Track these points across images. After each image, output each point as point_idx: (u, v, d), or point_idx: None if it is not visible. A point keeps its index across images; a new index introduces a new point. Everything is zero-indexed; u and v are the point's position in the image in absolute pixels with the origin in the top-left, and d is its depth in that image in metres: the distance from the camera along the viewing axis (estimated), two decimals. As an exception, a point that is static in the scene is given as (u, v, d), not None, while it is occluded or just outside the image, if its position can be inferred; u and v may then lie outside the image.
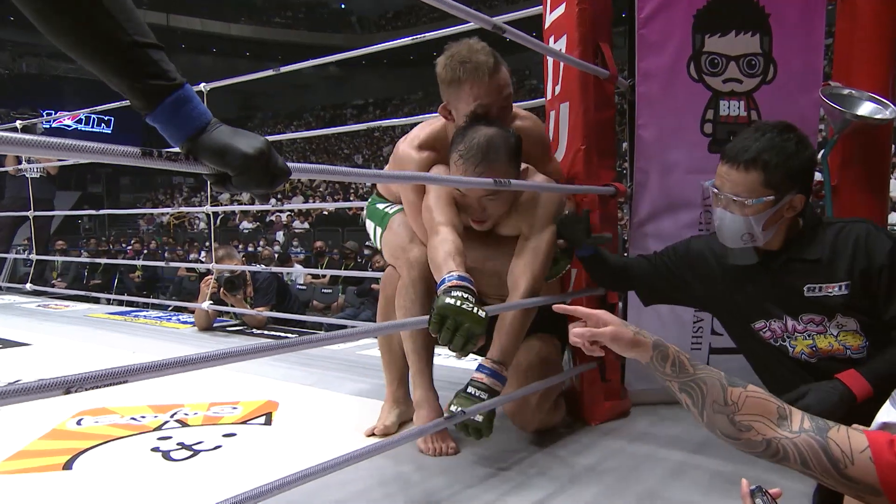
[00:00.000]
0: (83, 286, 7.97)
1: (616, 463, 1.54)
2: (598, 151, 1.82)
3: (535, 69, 27.13)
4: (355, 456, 1.14)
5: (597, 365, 1.82)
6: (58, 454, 1.56)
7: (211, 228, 3.28)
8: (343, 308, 6.51)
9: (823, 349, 1.41)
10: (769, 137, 1.35)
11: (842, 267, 1.37)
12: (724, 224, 1.41)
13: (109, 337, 3.23)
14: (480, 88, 1.50)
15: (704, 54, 1.92)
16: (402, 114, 24.94)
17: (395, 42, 2.71)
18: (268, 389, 2.15)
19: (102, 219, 20.64)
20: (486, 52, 1.49)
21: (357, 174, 1.20)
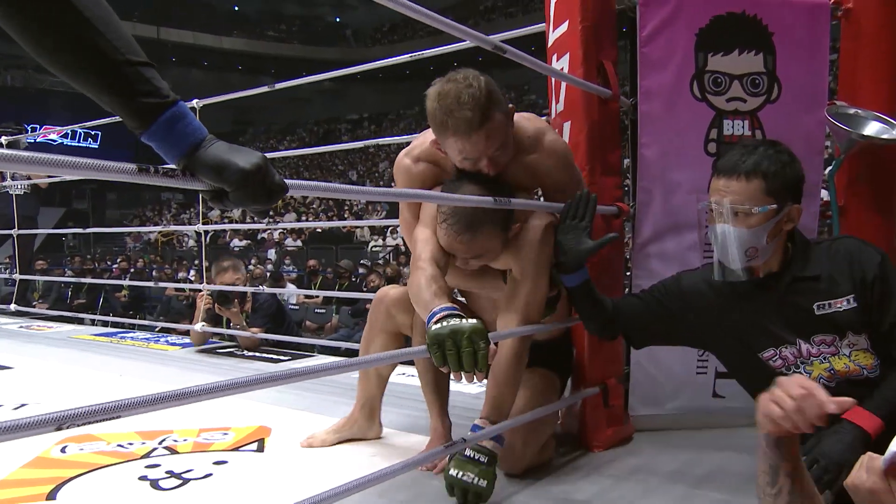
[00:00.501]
0: (67, 306, 7.93)
1: (619, 493, 1.53)
2: (601, 171, 1.84)
3: (534, 84, 27.36)
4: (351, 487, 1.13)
5: (599, 390, 1.82)
6: (41, 483, 1.55)
7: (202, 246, 3.28)
8: (337, 329, 6.49)
9: (841, 371, 1.42)
10: (762, 151, 1.40)
11: (844, 281, 1.40)
12: (728, 239, 1.41)
13: (95, 359, 3.21)
14: (466, 143, 1.43)
15: (707, 73, 1.95)
16: (398, 129, 25.11)
17: (394, 59, 2.74)
18: (260, 414, 2.14)
19: (88, 236, 20.55)
20: (473, 104, 1.38)
21: (353, 191, 1.20)
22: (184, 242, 17.04)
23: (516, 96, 27.32)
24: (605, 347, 1.87)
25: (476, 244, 1.47)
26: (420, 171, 1.61)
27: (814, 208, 2.00)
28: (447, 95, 1.40)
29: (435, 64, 2.79)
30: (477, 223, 1.44)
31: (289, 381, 1.01)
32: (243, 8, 30.49)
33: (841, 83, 2.06)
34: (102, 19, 0.74)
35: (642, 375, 1.99)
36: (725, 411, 1.98)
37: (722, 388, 1.98)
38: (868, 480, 1.03)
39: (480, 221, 1.44)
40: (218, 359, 3.23)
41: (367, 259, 11.17)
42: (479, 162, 1.46)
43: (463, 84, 1.40)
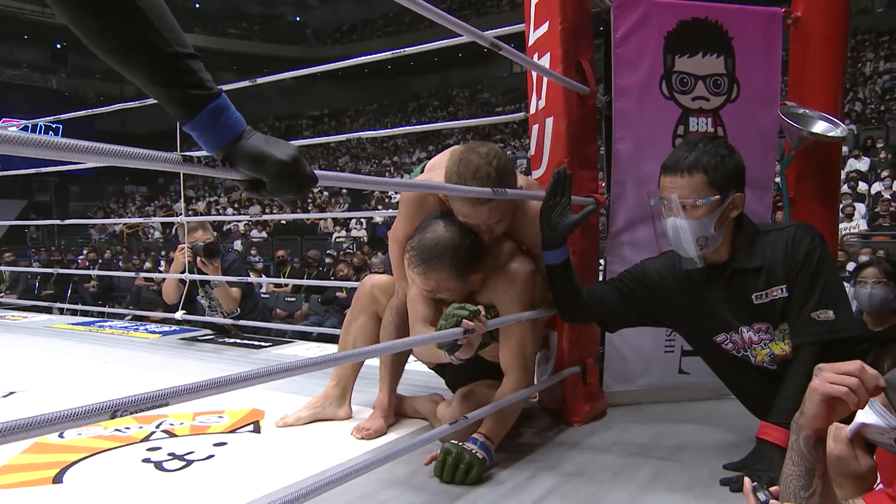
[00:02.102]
0: (34, 297, 7.61)
1: (601, 464, 1.56)
2: (579, 164, 1.85)
3: (487, 83, 27.48)
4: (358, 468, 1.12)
5: (579, 369, 1.85)
6: (45, 468, 1.49)
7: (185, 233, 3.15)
8: (307, 316, 6.41)
9: (780, 355, 1.48)
10: (701, 147, 1.45)
11: (779, 269, 1.45)
12: (679, 231, 1.45)
13: (77, 348, 3.09)
14: (471, 212, 1.50)
15: (675, 73, 1.99)
16: (358, 126, 24.83)
17: (376, 56, 2.70)
18: (251, 398, 2.10)
19: (51, 228, 19.73)
20: (485, 179, 1.45)
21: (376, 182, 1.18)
22: (149, 234, 16.50)
23: (470, 95, 27.37)
24: (584, 330, 1.90)
25: (430, 279, 1.52)
26: (430, 203, 1.64)
27: (767, 199, 2.07)
28: (468, 165, 1.46)
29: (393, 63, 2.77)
30: (432, 259, 1.49)
31: (317, 368, 1.00)
32: (205, 5, 29.54)
33: (791, 85, 2.14)
34: (155, 11, 0.71)
35: (615, 354, 2.03)
36: (690, 386, 2.04)
37: (687, 366, 2.04)
38: (836, 448, 1.08)
39: (437, 258, 1.49)
40: (200, 345, 3.14)
41: (332, 249, 11.04)
42: (478, 227, 1.54)
43: (483, 159, 1.47)
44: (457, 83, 28.56)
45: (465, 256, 1.51)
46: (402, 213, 1.67)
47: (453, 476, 1.41)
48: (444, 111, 25.45)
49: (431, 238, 1.50)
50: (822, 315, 1.39)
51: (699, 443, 1.69)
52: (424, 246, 1.50)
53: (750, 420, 1.64)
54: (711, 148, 1.45)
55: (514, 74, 26.65)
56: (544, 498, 1.35)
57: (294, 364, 0.95)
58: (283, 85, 27.80)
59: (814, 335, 1.39)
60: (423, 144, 22.39)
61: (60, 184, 23.78)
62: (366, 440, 1.70)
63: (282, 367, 0.92)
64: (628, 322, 1.72)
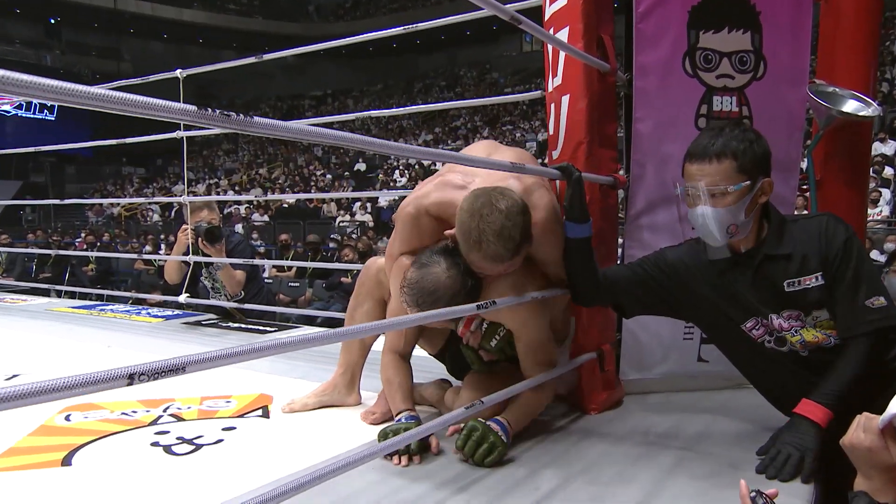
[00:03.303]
0: (31, 280, 7.67)
1: (621, 452, 1.57)
2: (599, 143, 1.85)
3: (496, 63, 27.29)
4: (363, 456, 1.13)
5: (596, 356, 1.86)
6: (54, 450, 1.51)
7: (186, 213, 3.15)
8: (311, 302, 6.44)
9: (811, 342, 1.49)
10: (728, 132, 1.44)
11: (813, 258, 1.45)
12: (709, 220, 1.45)
13: (79, 331, 3.12)
14: (486, 267, 1.48)
15: (699, 50, 1.97)
16: (362, 106, 24.73)
17: (380, 33, 2.69)
18: (258, 383, 2.12)
19: (47, 210, 19.86)
20: (509, 243, 1.43)
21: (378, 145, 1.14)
22: (148, 217, 16.57)
23: (478, 75, 27.21)
24: (601, 314, 1.91)
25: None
26: (425, 224, 1.62)
27: (793, 182, 2.05)
28: (490, 223, 1.41)
29: (398, 41, 2.76)
30: (427, 304, 1.46)
31: (336, 339, 1.00)
32: (203, -20, 29.40)
33: (820, 62, 2.11)
34: None
35: (632, 341, 2.03)
36: (709, 374, 2.04)
37: (706, 353, 2.04)
38: (866, 439, 1.08)
39: (432, 304, 1.46)
40: (204, 330, 3.17)
41: (335, 234, 11.06)
42: (483, 273, 1.52)
43: (506, 218, 1.42)
44: (464, 62, 28.37)
45: (461, 302, 1.47)
46: (397, 233, 1.67)
47: (474, 452, 1.43)
48: (451, 91, 25.33)
49: (431, 281, 1.47)
50: (875, 302, 1.40)
51: (719, 432, 1.70)
52: (423, 288, 1.47)
53: (769, 411, 1.65)
54: (739, 133, 1.44)
55: (524, 53, 26.45)
56: (562, 487, 1.36)
57: (315, 335, 0.96)
58: (285, 64, 27.72)
59: (870, 323, 1.40)
60: (429, 126, 22.32)
61: (57, 164, 23.87)
62: (374, 425, 1.72)
63: (301, 338, 0.93)
64: (645, 308, 1.72)
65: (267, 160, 22.75)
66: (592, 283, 1.64)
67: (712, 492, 1.32)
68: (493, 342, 1.62)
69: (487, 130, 20.73)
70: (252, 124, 0.76)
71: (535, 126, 19.21)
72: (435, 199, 1.60)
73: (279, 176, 19.10)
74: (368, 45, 24.85)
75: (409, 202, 1.64)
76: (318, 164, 20.34)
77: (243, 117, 0.75)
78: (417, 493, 1.33)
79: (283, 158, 22.50)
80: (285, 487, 0.90)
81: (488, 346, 1.63)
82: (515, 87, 22.76)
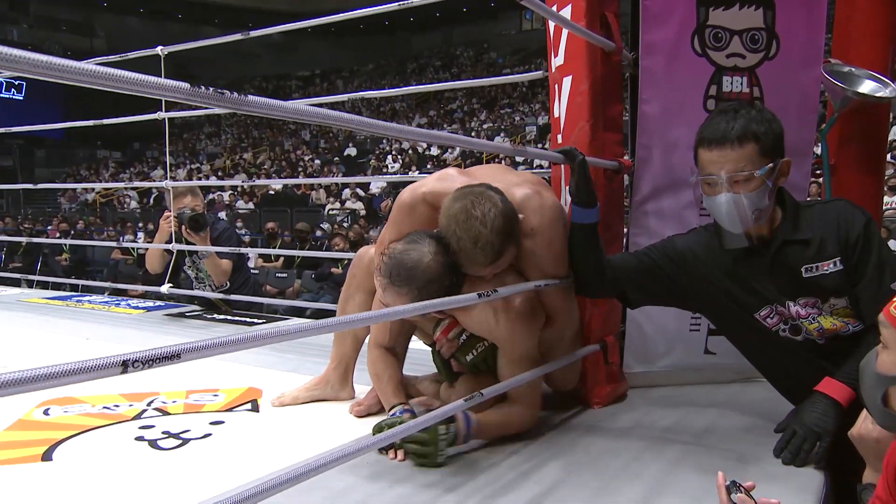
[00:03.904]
0: (1, 270, 7.65)
1: (623, 446, 1.60)
2: (603, 126, 1.86)
3: (494, 42, 27.21)
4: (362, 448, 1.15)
5: (599, 348, 1.88)
6: (32, 445, 1.53)
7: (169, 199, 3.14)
8: (299, 293, 6.45)
9: (829, 329, 1.51)
10: (745, 113, 1.45)
11: (831, 243, 1.48)
12: (733, 208, 1.45)
13: (56, 323, 3.13)
14: (472, 269, 1.50)
15: (708, 28, 1.98)
16: (352, 87, 24.65)
17: (372, 9, 2.66)
18: (247, 376, 2.14)
19: (16, 196, 19.75)
20: (488, 249, 1.45)
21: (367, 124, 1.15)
22: (125, 203, 16.51)
23: (475, 54, 27.13)
24: (605, 304, 1.93)
25: (388, 295, 1.50)
26: (420, 213, 1.63)
27: (805, 167, 2.07)
28: (467, 230, 1.43)
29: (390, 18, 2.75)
30: (400, 280, 1.46)
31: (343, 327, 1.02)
32: (184, -49, 29.14)
33: (835, 41, 2.13)
34: None
35: (637, 333, 2.06)
36: (716, 367, 2.07)
37: (714, 345, 2.07)
38: (874, 431, 1.11)
39: (406, 282, 1.46)
40: (188, 322, 3.18)
41: (324, 223, 11.06)
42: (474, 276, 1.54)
43: (483, 225, 1.43)
44: (461, 41, 28.29)
45: (433, 293, 1.45)
46: (391, 220, 1.68)
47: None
48: (446, 72, 25.27)
49: (413, 258, 1.46)
50: None
51: (726, 427, 1.73)
52: (401, 262, 1.46)
53: (779, 405, 1.67)
54: (757, 114, 1.45)
55: (524, 32, 26.38)
56: (564, 481, 1.39)
57: (314, 324, 0.97)
58: (271, 41, 27.55)
59: None
60: (423, 109, 22.27)
61: (25, 147, 23.70)
62: (359, 417, 1.76)
63: (299, 326, 0.94)
64: (651, 298, 1.74)
65: (252, 144, 22.68)
66: (598, 271, 1.66)
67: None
68: (468, 356, 1.61)
69: (485, 113, 20.70)
70: (247, 103, 0.78)
71: (536, 109, 19.20)
72: (433, 188, 1.62)
73: (265, 161, 19.04)
74: (359, 22, 24.72)
75: (407, 190, 1.67)
76: (305, 149, 20.30)
77: (238, 96, 0.77)
78: (419, 485, 1.35)
79: (268, 142, 22.44)
80: (277, 480, 0.91)
81: (462, 360, 1.62)
82: (515, 67, 22.72)
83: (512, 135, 16.56)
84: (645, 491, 1.34)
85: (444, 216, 1.48)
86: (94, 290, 5.47)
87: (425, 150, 16.60)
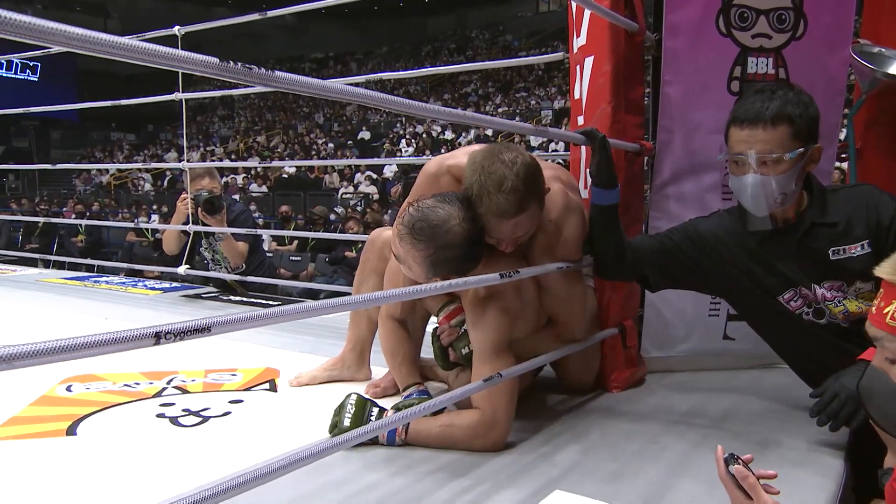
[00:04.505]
0: (18, 250, 7.76)
1: (641, 429, 1.61)
2: (625, 108, 1.85)
3: (510, 25, 26.99)
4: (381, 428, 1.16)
5: (618, 332, 1.89)
6: (57, 420, 1.56)
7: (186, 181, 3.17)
8: (313, 277, 6.49)
9: (855, 313, 1.51)
10: (782, 94, 1.43)
11: (859, 226, 1.47)
12: (759, 189, 1.45)
13: (76, 303, 3.18)
14: (496, 225, 1.44)
15: (734, 7, 1.95)
16: (366, 70, 24.56)
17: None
18: (265, 357, 2.17)
19: (31, 178, 19.97)
20: (513, 194, 1.40)
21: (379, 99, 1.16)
22: (139, 186, 16.64)
23: (490, 37, 26.94)
24: (625, 287, 1.93)
25: (402, 247, 1.44)
26: (444, 184, 1.63)
27: (831, 151, 2.05)
28: (491, 174, 1.40)
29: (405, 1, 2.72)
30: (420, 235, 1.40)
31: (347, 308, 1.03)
32: (194, -69, 29.07)
33: (865, 20, 2.10)
34: None
35: (655, 317, 2.06)
36: (735, 353, 2.07)
37: (733, 331, 2.07)
38: None
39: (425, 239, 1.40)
40: (204, 303, 3.22)
41: (338, 206, 11.09)
42: (501, 243, 1.50)
43: (509, 169, 1.40)
44: (476, 24, 28.05)
45: (448, 259, 1.41)
46: (414, 189, 1.68)
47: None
48: (461, 55, 25.10)
49: (440, 216, 1.40)
50: None
51: (745, 412, 1.73)
52: (427, 218, 1.40)
53: (800, 391, 1.67)
54: (793, 95, 1.43)
55: (541, 14, 26.14)
56: (581, 463, 1.40)
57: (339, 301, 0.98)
58: (283, 23, 27.46)
59: None
60: (437, 92, 22.17)
61: (41, 129, 23.90)
62: (375, 398, 1.74)
63: (321, 305, 0.96)
64: (672, 281, 1.74)
65: (265, 127, 22.73)
66: (618, 253, 1.65)
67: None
68: (464, 349, 1.59)
69: (500, 97, 20.58)
70: (274, 79, 0.79)
71: (552, 93, 19.06)
72: (459, 161, 1.60)
73: (278, 144, 19.08)
74: (373, 3, 24.61)
75: (434, 161, 1.68)
76: (319, 132, 20.31)
77: (266, 72, 0.77)
78: (437, 465, 1.37)
79: (282, 126, 22.46)
80: (300, 455, 0.93)
81: (459, 350, 1.61)
82: (531, 50, 22.54)
83: (527, 119, 16.47)
84: (663, 474, 1.35)
85: (468, 168, 1.45)
86: (111, 270, 5.54)
87: (439, 134, 16.56)
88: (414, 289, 1.22)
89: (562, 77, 18.68)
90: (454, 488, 1.28)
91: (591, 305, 1.85)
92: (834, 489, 1.30)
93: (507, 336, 1.51)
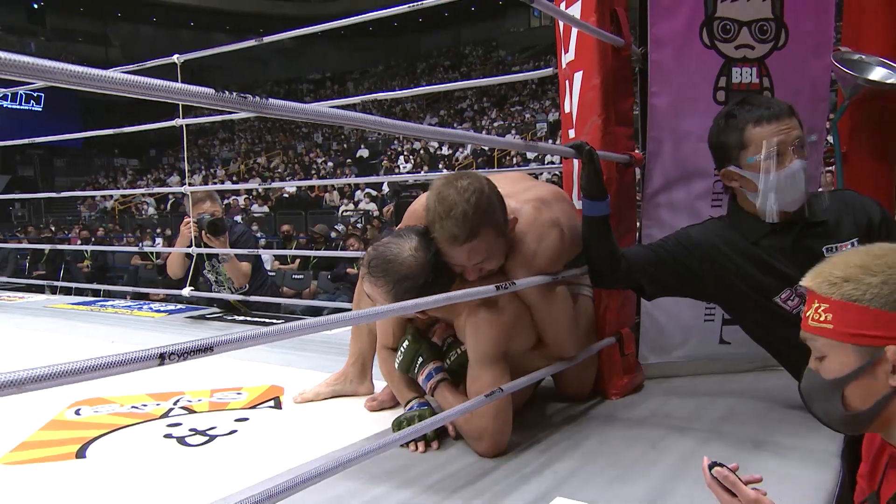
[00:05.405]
0: (25, 278, 7.78)
1: (640, 434, 1.61)
2: (615, 120, 1.88)
3: (503, 40, 27.19)
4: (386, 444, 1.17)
5: (616, 340, 1.90)
6: (66, 444, 1.57)
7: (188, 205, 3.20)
8: (315, 295, 6.50)
9: None
10: (770, 96, 1.56)
11: (848, 225, 1.53)
12: (803, 174, 1.51)
13: (82, 328, 3.19)
14: (448, 251, 1.48)
15: (717, 20, 1.98)
16: (363, 89, 24.72)
17: (381, 12, 2.68)
18: (269, 375, 2.18)
19: (37, 206, 20.04)
20: (462, 221, 1.42)
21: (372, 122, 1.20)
22: (143, 210, 16.69)
23: (484, 53, 27.12)
24: (620, 296, 1.94)
25: (366, 285, 1.51)
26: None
27: (817, 155, 2.07)
28: (443, 201, 1.44)
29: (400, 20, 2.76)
30: (377, 272, 1.46)
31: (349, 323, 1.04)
32: (194, -40, 29.37)
33: (845, 28, 2.13)
34: None
35: (652, 324, 2.07)
36: (731, 357, 2.08)
37: (728, 335, 2.08)
38: None
39: (381, 274, 1.46)
40: (209, 324, 3.23)
41: (339, 224, 11.13)
42: (461, 267, 1.52)
43: (460, 195, 1.43)
44: (469, 40, 28.29)
45: (409, 288, 1.43)
46: (402, 221, 1.72)
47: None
48: (456, 71, 25.28)
49: (392, 252, 1.46)
50: None
51: (743, 415, 1.73)
52: (381, 255, 1.47)
53: (796, 391, 1.66)
54: None
55: (533, 29, 26.32)
56: (581, 468, 1.41)
57: (340, 317, 1.00)
58: (282, 46, 27.69)
59: None
60: (433, 109, 22.30)
61: (45, 157, 24.04)
62: (372, 411, 1.79)
63: (324, 321, 0.97)
64: (667, 289, 1.75)
65: (265, 148, 22.84)
66: (612, 263, 1.67)
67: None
68: (447, 360, 1.63)
69: (495, 112, 20.69)
70: (268, 106, 0.80)
71: (546, 106, 19.16)
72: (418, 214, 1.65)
73: (278, 165, 19.17)
74: (368, 24, 24.75)
75: (420, 198, 1.70)
76: (318, 152, 20.40)
77: (260, 100, 0.80)
78: (440, 477, 1.38)
79: (281, 146, 22.57)
80: (306, 476, 0.94)
81: (444, 364, 1.64)
82: (524, 65, 22.70)
83: (523, 132, 16.55)
84: (662, 479, 1.35)
85: (428, 194, 1.50)
86: (117, 294, 5.55)
87: (437, 150, 16.63)
88: (411, 303, 1.24)
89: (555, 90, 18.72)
90: (457, 500, 1.29)
91: (588, 316, 1.86)
92: (831, 488, 1.31)
93: (503, 342, 1.53)
